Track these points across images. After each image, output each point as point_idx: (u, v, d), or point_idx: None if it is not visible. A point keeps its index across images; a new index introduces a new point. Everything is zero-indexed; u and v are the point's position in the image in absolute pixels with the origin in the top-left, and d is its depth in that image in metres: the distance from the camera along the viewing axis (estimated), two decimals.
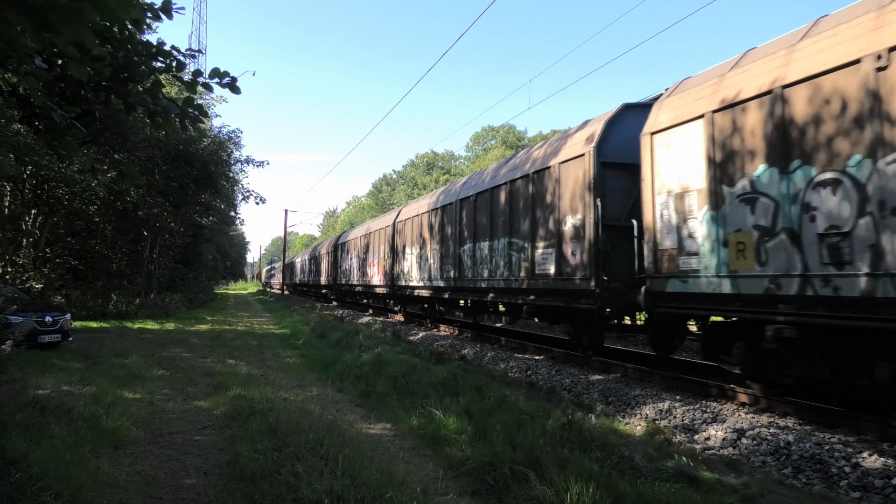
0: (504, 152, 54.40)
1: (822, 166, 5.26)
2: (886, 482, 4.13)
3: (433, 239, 15.27)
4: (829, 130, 5.24)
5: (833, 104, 5.20)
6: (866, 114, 4.88)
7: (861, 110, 4.96)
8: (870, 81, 4.88)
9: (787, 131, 5.59)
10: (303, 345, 12.09)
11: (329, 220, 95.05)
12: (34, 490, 3.17)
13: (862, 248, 4.84)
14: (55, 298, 15.26)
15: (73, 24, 1.64)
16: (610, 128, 8.64)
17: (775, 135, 5.69)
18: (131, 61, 3.58)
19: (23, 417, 4.61)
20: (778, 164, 5.64)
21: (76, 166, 15.41)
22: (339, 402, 6.65)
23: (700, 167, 6.62)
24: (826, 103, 5.26)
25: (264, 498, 3.34)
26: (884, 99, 4.78)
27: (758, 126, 5.91)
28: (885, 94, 4.77)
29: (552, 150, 9.96)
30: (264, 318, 21.55)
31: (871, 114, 4.84)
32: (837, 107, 5.19)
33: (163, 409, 6.06)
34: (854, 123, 5.02)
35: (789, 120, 5.59)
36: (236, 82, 3.63)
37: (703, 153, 6.56)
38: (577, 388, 7.99)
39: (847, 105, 5.10)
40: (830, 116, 5.22)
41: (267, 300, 39.89)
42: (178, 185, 19.62)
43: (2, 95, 3.91)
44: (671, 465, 3.92)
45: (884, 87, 4.79)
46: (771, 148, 5.75)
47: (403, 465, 4.30)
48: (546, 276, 9.52)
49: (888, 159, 4.67)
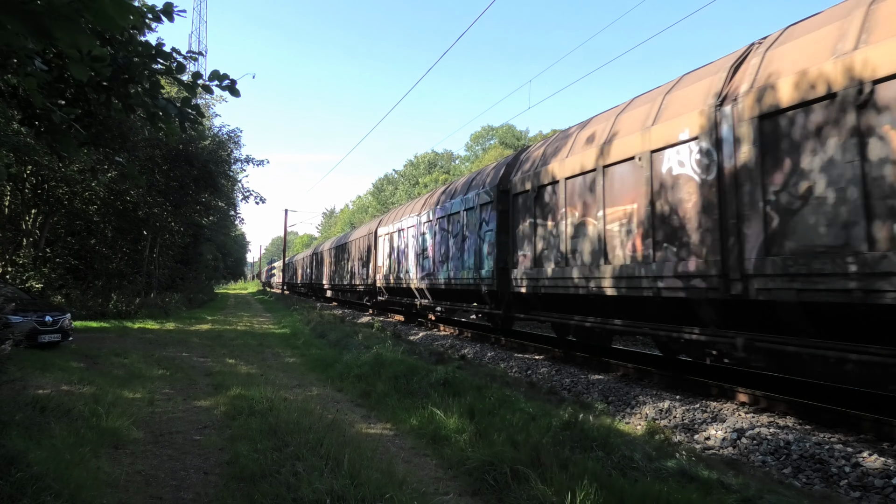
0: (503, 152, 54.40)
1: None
2: (886, 482, 4.14)
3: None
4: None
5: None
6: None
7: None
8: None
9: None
10: (303, 344, 12.10)
11: (328, 220, 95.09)
12: (34, 490, 3.17)
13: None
14: (55, 298, 15.27)
15: (71, 30, 1.64)
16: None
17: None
18: (131, 62, 3.57)
19: (23, 417, 4.61)
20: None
21: (76, 166, 15.41)
22: (340, 401, 6.65)
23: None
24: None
25: (264, 498, 3.34)
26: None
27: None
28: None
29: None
30: (264, 318, 21.55)
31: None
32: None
33: (163, 408, 6.06)
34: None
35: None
36: (236, 85, 3.61)
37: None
38: (577, 387, 8.00)
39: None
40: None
41: (267, 300, 39.89)
42: (178, 185, 19.60)
43: (2, 97, 3.92)
44: (671, 465, 3.92)
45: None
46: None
47: (404, 465, 4.31)
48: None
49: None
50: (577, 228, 8.64)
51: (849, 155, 4.84)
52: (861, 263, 4.66)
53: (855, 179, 4.78)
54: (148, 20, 3.43)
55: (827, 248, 4.98)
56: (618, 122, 8.11)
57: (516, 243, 10.52)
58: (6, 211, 16.59)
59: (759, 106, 5.65)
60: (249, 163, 24.00)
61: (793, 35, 5.85)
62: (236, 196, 27.42)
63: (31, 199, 16.76)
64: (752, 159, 5.69)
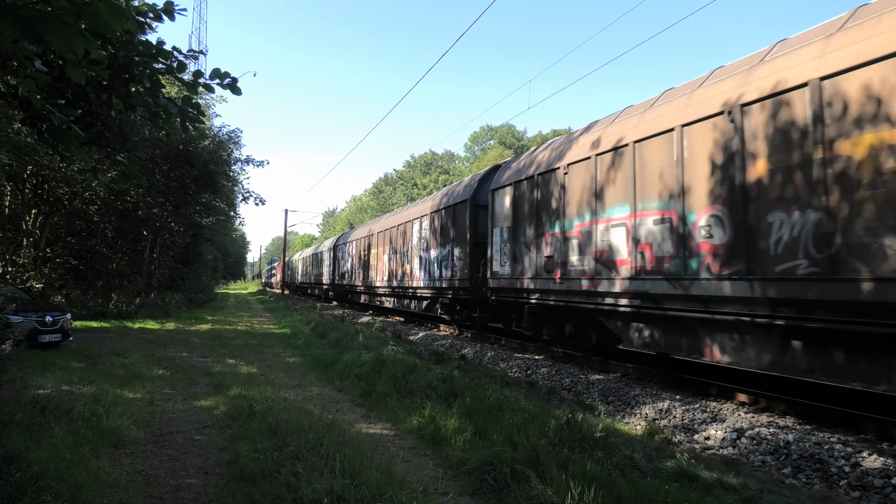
0: (502, 152, 54.39)
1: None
2: (886, 482, 4.14)
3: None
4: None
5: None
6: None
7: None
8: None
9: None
10: (303, 344, 12.10)
11: (329, 220, 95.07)
12: (34, 489, 3.17)
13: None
14: (55, 298, 15.26)
15: (66, 34, 1.65)
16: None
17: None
18: (132, 62, 3.57)
19: (23, 417, 4.61)
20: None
21: (76, 166, 15.40)
22: (340, 401, 6.65)
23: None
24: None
25: (264, 497, 3.34)
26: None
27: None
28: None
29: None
30: (264, 318, 21.54)
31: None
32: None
33: (163, 408, 6.06)
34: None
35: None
36: (237, 83, 3.60)
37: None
38: (576, 387, 8.00)
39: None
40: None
41: (267, 300, 39.86)
42: (178, 185, 19.59)
43: (3, 98, 3.92)
44: (671, 465, 3.92)
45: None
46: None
47: (403, 465, 4.31)
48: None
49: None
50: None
51: None
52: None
53: None
54: (149, 19, 3.43)
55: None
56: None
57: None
58: (6, 211, 16.58)
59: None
60: (249, 163, 24.01)
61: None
62: (236, 197, 27.39)
63: (32, 199, 16.76)
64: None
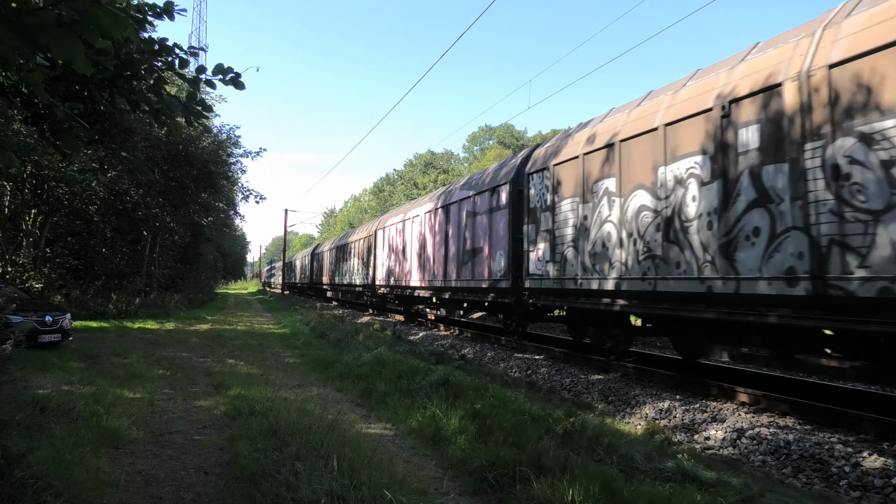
0: (501, 152, 54.39)
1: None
2: (886, 482, 4.13)
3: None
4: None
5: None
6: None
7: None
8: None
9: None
10: (303, 344, 12.09)
11: (329, 220, 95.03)
12: (35, 489, 3.16)
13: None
14: (55, 298, 15.24)
15: (65, 42, 1.64)
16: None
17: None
18: (133, 59, 3.57)
19: (23, 417, 4.60)
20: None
21: (76, 166, 15.39)
22: (340, 401, 6.64)
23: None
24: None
25: (264, 497, 3.33)
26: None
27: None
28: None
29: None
30: (264, 318, 21.53)
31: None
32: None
33: (163, 408, 6.06)
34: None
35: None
36: (240, 78, 3.58)
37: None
38: (577, 387, 8.00)
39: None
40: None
41: (267, 300, 39.87)
42: (177, 185, 19.57)
43: (4, 96, 3.91)
44: (671, 465, 3.92)
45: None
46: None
47: (404, 465, 4.30)
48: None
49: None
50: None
51: None
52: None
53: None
54: (149, 18, 3.42)
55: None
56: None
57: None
58: (6, 211, 16.57)
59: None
60: (246, 156, 23.72)
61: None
62: (236, 195, 27.33)
63: (31, 199, 16.74)
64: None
